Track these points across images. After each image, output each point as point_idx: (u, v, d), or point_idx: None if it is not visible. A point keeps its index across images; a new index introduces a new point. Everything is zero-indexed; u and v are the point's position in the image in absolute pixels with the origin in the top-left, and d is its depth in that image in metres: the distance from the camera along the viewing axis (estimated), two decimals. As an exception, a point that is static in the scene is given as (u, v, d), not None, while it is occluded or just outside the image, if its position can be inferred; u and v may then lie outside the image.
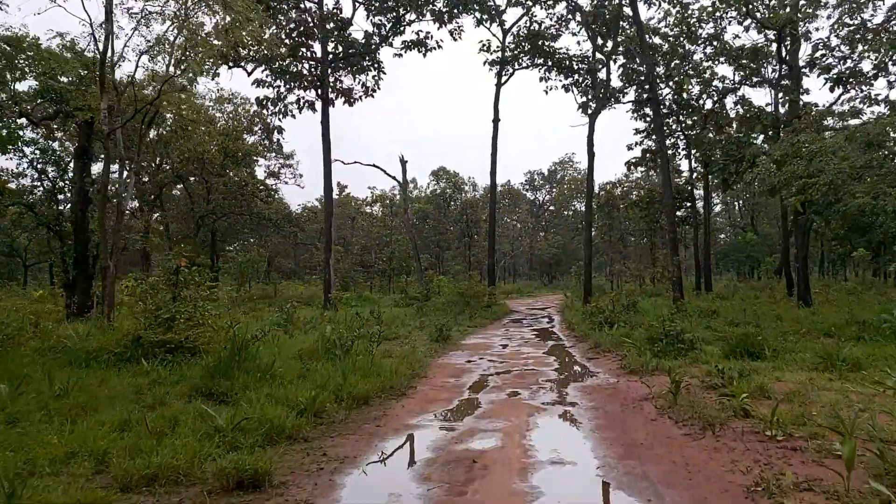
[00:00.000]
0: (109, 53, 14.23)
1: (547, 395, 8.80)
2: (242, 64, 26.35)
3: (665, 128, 34.79)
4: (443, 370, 11.22)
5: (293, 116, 28.44)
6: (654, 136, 32.63)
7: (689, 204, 34.38)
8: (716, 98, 32.08)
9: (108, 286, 12.16)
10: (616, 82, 30.66)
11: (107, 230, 13.35)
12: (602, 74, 29.13)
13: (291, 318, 20.10)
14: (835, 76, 20.27)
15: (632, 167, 35.06)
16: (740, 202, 72.49)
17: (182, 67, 18.45)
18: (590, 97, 29.08)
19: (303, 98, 28.17)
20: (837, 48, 20.35)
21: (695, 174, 35.01)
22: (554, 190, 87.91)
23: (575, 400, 8.45)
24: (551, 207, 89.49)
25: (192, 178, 37.60)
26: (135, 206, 35.93)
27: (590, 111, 28.99)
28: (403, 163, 42.33)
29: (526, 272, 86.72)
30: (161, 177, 36.68)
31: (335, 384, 8.14)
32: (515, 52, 31.24)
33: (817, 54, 20.56)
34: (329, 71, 27.82)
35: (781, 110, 25.57)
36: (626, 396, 8.47)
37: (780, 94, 28.15)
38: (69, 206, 24.84)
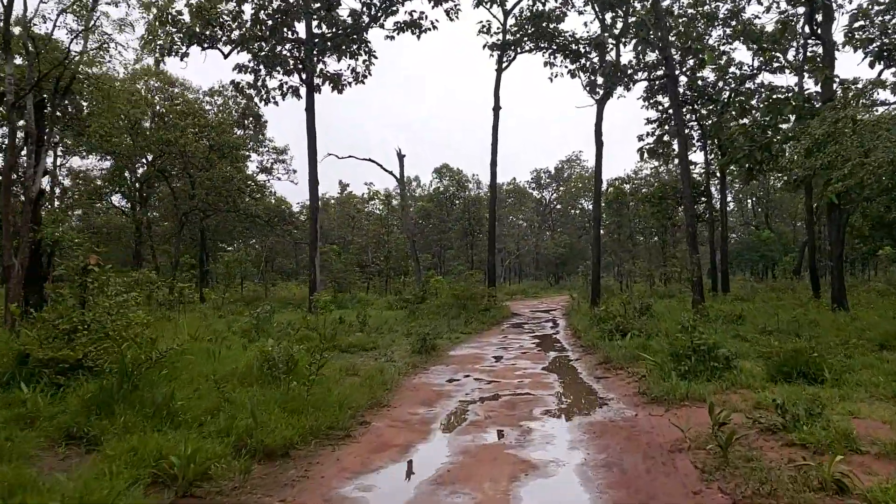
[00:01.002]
0: (20, 9, 12.05)
1: (542, 439, 6.50)
2: (218, 45, 24.16)
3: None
4: (414, 395, 8.95)
5: (276, 103, 26.25)
6: (670, 122, 30.23)
7: (704, 199, 31.96)
8: (733, 85, 29.69)
9: (12, 289, 9.99)
10: (627, 63, 28.25)
11: (13, 221, 11.14)
12: (611, 55, 26.76)
13: (262, 323, 17.95)
14: (876, 50, 17.87)
15: (644, 155, 32.64)
16: (753, 199, 69.90)
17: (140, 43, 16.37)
18: (597, 79, 26.71)
19: (286, 83, 25.99)
20: (879, 17, 17.95)
21: (711, 167, 32.60)
22: (561, 188, 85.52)
23: (579, 448, 6.16)
24: (558, 206, 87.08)
25: (174, 173, 35.47)
26: (50, 191, 34.01)
27: (598, 96, 26.63)
28: (401, 157, 40.19)
29: (532, 272, 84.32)
30: (145, 171, 34.63)
31: (244, 427, 5.87)
32: (517, 34, 28.92)
33: (855, 25, 18.15)
34: (314, 54, 25.60)
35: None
36: (650, 441, 6.16)
37: (806, 77, 25.76)
38: None
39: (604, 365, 11.18)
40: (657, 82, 30.79)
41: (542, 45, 28.33)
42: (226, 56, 24.34)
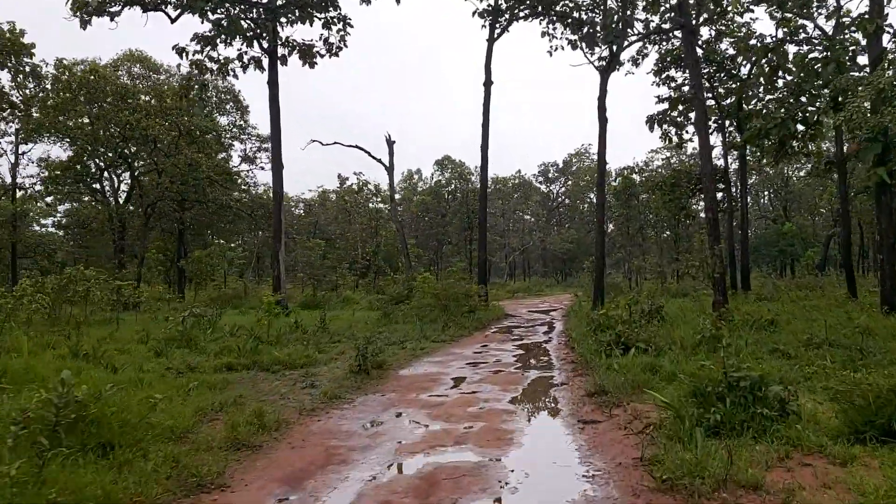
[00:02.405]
0: None
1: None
2: (163, 7, 21.05)
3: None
4: (291, 458, 5.75)
5: (235, 76, 23.17)
6: (684, 97, 26.83)
7: (722, 186, 28.56)
8: (753, 59, 26.29)
9: None
10: (635, 30, 24.82)
11: None
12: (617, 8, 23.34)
13: (191, 329, 14.96)
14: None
15: (654, 128, 29.18)
16: (770, 192, 66.19)
17: None
18: (600, 46, 23.36)
19: (246, 53, 22.88)
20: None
21: (730, 152, 29.21)
22: (569, 182, 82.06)
23: None
24: (566, 200, 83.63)
25: (139, 160, 32.45)
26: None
27: (602, 62, 23.30)
28: (390, 143, 36.99)
29: (539, 269, 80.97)
30: (110, 158, 31.65)
31: None
32: (511, 0, 25.60)
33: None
34: (278, 20, 22.49)
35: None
36: None
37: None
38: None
39: (595, 397, 7.93)
40: (670, 51, 27.45)
41: (540, 12, 24.98)
42: (173, 20, 21.22)
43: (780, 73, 16.68)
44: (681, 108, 29.36)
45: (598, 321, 13.82)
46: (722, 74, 28.44)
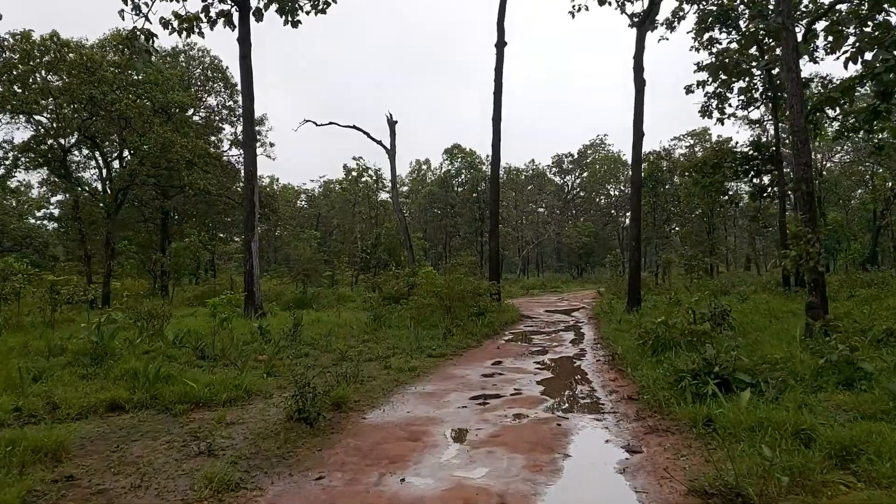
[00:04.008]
0: None
1: None
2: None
3: (741, 62, 25.00)
4: None
5: (201, 34, 19.40)
6: (727, 66, 22.78)
7: (772, 168, 24.51)
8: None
9: None
10: None
11: None
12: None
13: (147, 333, 11.51)
14: None
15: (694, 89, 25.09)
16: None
17: None
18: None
19: (212, 4, 19.16)
20: None
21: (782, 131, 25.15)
22: (585, 174, 77.92)
23: None
24: (581, 193, 79.47)
25: (108, 140, 28.81)
26: None
27: (637, 18, 19.37)
28: (392, 124, 33.29)
29: (553, 264, 76.94)
30: (75, 137, 28.01)
31: None
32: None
33: None
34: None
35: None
36: None
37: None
38: None
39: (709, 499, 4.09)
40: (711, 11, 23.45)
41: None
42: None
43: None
44: (723, 78, 25.35)
45: (655, 332, 9.98)
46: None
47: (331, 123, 33.63)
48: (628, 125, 20.12)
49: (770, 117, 25.75)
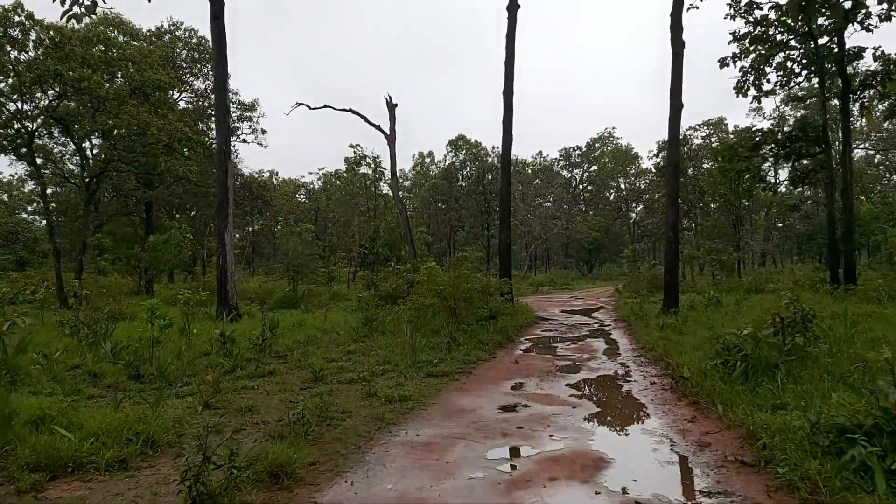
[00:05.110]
0: None
1: None
2: None
3: (783, 31, 22.19)
4: None
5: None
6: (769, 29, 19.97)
7: (819, 150, 21.68)
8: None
9: None
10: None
11: None
12: None
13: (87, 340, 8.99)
14: None
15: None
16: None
17: None
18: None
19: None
20: None
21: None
22: (593, 167, 75.07)
23: None
24: (590, 187, 76.59)
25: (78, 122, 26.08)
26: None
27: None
28: (391, 107, 30.60)
29: (561, 260, 74.13)
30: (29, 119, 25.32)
31: None
32: None
33: None
34: None
35: None
36: None
37: None
38: None
39: None
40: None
41: None
42: None
43: None
44: (762, 49, 22.57)
45: (740, 348, 7.24)
46: None
47: (325, 107, 30.97)
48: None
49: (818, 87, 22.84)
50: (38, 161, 26.53)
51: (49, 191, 35.51)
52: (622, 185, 76.49)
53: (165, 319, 9.74)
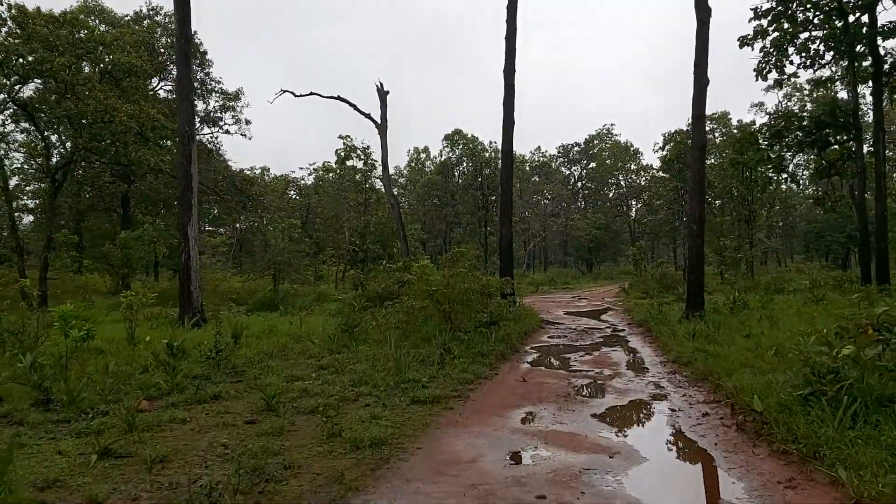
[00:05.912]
0: None
1: None
2: None
3: (808, 7, 20.30)
4: None
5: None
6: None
7: (849, 137, 19.81)
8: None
9: None
10: None
11: None
12: None
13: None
14: None
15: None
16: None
17: None
18: None
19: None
20: None
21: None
22: (592, 164, 73.18)
23: None
24: (589, 184, 74.68)
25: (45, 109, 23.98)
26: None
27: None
28: (382, 94, 28.66)
29: (559, 258, 72.20)
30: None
31: None
32: None
33: None
34: None
35: None
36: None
37: None
38: None
39: None
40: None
41: None
42: None
43: None
44: (787, 27, 20.68)
45: (840, 373, 5.31)
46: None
47: (312, 94, 29.02)
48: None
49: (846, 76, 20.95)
50: (0, 151, 24.45)
51: (13, 183, 33.47)
52: (622, 182, 74.70)
53: (83, 330, 7.74)
